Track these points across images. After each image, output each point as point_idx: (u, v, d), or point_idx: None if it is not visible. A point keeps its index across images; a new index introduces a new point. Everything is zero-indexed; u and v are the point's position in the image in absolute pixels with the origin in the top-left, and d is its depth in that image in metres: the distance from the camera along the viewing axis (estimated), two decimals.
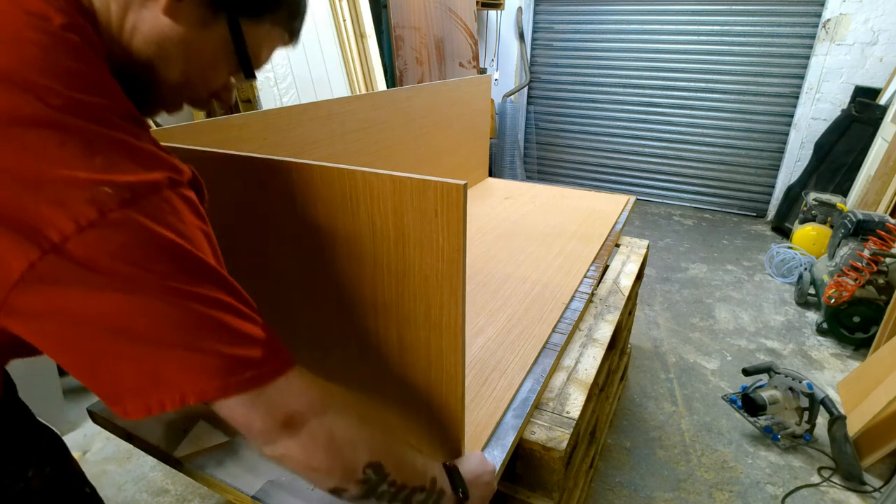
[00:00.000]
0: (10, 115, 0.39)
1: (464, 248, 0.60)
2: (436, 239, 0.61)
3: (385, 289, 0.69)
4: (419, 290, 0.66)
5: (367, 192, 0.63)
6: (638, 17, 4.26)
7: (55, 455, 0.72)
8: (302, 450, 0.51)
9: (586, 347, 1.21)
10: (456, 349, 0.68)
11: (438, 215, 0.59)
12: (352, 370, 0.83)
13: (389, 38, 3.16)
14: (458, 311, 0.65)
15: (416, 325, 0.69)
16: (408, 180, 0.59)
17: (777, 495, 1.68)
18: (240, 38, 0.54)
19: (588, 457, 1.38)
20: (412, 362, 0.73)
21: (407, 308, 0.69)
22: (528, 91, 4.95)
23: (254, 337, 0.48)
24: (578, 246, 1.62)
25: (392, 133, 1.60)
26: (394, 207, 0.62)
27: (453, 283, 0.63)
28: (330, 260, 0.72)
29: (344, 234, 0.68)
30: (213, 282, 0.46)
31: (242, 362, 0.46)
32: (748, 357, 2.39)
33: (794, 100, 3.92)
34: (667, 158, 4.56)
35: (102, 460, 1.77)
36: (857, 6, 3.48)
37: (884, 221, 2.47)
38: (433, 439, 0.80)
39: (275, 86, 2.44)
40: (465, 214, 0.58)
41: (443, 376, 0.72)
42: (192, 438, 0.90)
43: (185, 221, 0.45)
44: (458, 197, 0.57)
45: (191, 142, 0.98)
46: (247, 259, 0.80)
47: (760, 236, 3.91)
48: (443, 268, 0.63)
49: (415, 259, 0.64)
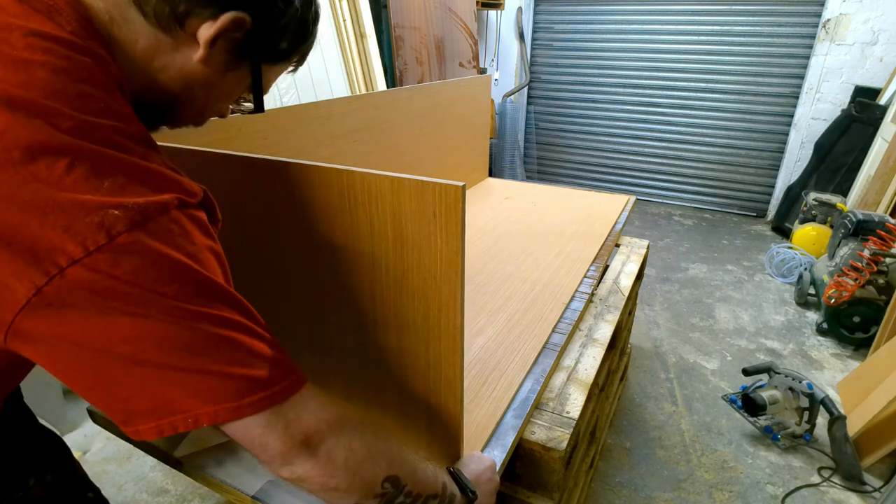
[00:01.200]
0: (16, 142, 0.38)
1: (462, 251, 0.59)
2: (434, 241, 0.60)
3: (383, 290, 0.69)
4: (417, 292, 0.66)
5: (366, 193, 0.62)
6: (638, 17, 4.26)
7: (57, 460, 0.72)
8: (321, 470, 0.50)
9: (586, 347, 1.20)
10: (455, 352, 0.67)
11: (437, 217, 0.58)
12: (350, 372, 0.82)
13: (389, 38, 3.16)
14: (456, 313, 0.64)
15: (415, 327, 0.69)
16: (406, 181, 0.58)
17: (777, 495, 1.68)
18: (258, 79, 0.57)
19: (588, 457, 1.38)
20: (411, 364, 0.73)
21: (405, 309, 0.68)
22: (528, 91, 4.95)
23: (265, 356, 0.48)
24: (578, 246, 1.62)
25: (392, 133, 1.60)
26: (392, 208, 0.61)
27: (452, 286, 0.62)
28: (328, 260, 0.71)
29: (342, 234, 0.67)
30: (223, 301, 0.46)
31: (255, 382, 0.46)
32: (748, 357, 2.39)
33: (794, 100, 3.92)
34: (667, 158, 4.56)
35: (102, 460, 1.77)
36: (857, 6, 3.48)
37: (884, 221, 2.47)
38: (432, 442, 0.79)
39: (275, 86, 2.44)
40: (464, 216, 0.57)
41: (441, 379, 0.71)
42: (192, 438, 0.90)
43: (195, 242, 0.45)
44: (456, 198, 0.56)
45: (191, 142, 0.97)
46: (246, 260, 0.80)
47: (760, 236, 3.91)
48: (441, 270, 0.62)
49: (413, 261, 0.64)
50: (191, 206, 0.46)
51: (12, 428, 0.66)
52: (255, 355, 0.47)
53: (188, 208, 0.46)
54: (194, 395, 0.44)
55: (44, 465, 0.69)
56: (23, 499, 0.64)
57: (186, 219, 0.45)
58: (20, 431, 0.68)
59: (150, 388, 0.43)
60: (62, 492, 0.71)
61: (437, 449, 0.80)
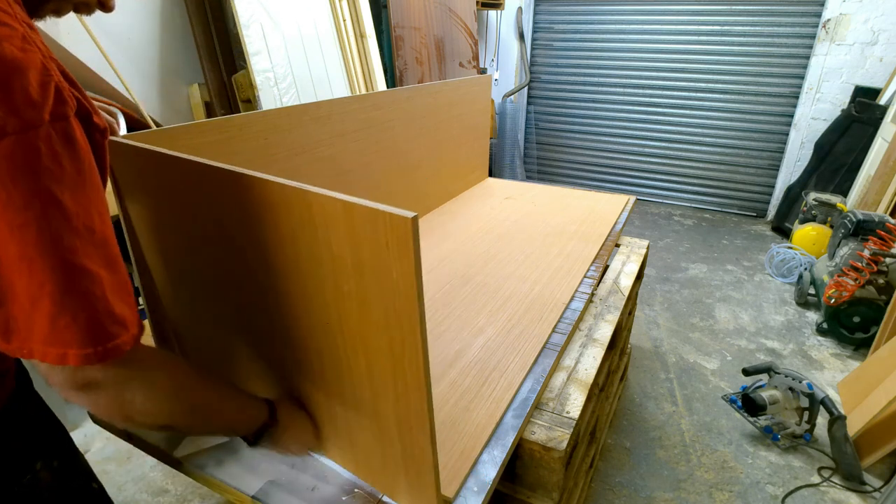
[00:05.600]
0: None
1: (418, 284, 0.54)
2: (389, 272, 0.55)
3: (348, 316, 0.64)
4: (380, 321, 0.61)
5: (322, 216, 0.58)
6: (638, 17, 4.26)
7: (64, 447, 0.73)
8: (96, 409, 0.57)
9: (586, 347, 1.20)
10: (419, 388, 0.62)
11: (389, 247, 0.54)
12: (326, 394, 0.78)
13: (389, 38, 3.16)
14: (417, 350, 0.58)
15: (382, 355, 0.64)
16: (358, 207, 0.54)
17: (777, 495, 1.68)
18: None
19: (588, 457, 1.38)
20: (381, 392, 0.69)
21: (370, 337, 0.64)
22: (528, 91, 4.95)
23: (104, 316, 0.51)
24: (578, 246, 1.62)
25: (392, 133, 1.60)
26: (348, 234, 0.57)
27: (412, 321, 0.57)
28: (295, 280, 0.67)
29: (307, 255, 0.63)
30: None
31: (73, 338, 0.49)
32: (748, 357, 2.39)
33: (794, 100, 3.92)
34: (667, 158, 4.56)
35: (102, 460, 1.77)
36: (857, 6, 3.48)
37: (884, 221, 2.47)
38: (409, 473, 0.74)
39: (275, 86, 2.44)
40: (418, 249, 0.52)
41: (410, 414, 0.66)
42: (192, 438, 0.90)
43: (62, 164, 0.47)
44: (406, 230, 0.51)
45: (192, 141, 0.98)
46: (212, 276, 0.79)
47: (760, 236, 3.91)
48: (400, 303, 0.57)
49: (373, 289, 0.59)
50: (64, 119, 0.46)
51: (22, 410, 0.67)
52: (97, 311, 0.49)
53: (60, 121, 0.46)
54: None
55: (51, 451, 0.69)
56: (31, 482, 0.65)
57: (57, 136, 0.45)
58: (30, 414, 0.69)
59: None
60: (68, 479, 0.71)
61: (413, 485, 0.75)
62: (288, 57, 2.49)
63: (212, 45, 2.65)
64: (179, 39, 2.57)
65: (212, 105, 2.69)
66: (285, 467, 0.85)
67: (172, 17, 2.52)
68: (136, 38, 2.38)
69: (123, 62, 2.20)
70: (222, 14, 2.67)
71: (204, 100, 2.66)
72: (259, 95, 2.36)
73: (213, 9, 2.62)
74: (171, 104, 2.59)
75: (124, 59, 2.24)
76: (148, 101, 2.46)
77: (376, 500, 0.79)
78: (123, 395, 0.56)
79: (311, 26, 2.59)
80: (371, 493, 0.80)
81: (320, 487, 0.81)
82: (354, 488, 0.81)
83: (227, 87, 2.72)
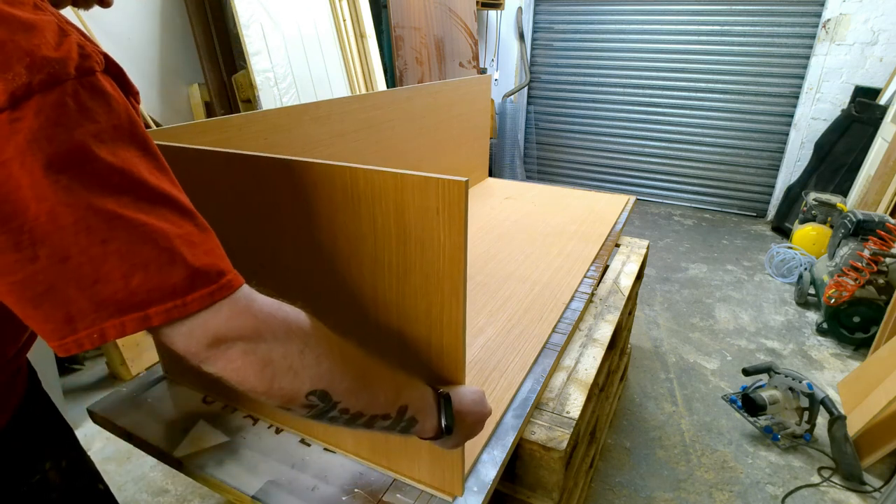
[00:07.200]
0: None
1: (465, 246, 0.60)
2: (437, 237, 0.61)
3: (385, 288, 0.69)
4: (420, 288, 0.66)
5: (369, 190, 0.62)
6: (638, 17, 4.26)
7: (71, 448, 0.73)
8: (233, 374, 0.48)
9: (586, 347, 1.21)
10: (457, 348, 0.68)
11: (440, 213, 0.59)
12: None
13: (389, 38, 3.16)
14: (458, 308, 0.64)
15: (417, 323, 0.69)
16: (409, 177, 0.59)
17: (777, 495, 1.68)
18: None
19: (588, 457, 1.38)
20: (413, 361, 0.73)
21: (407, 306, 0.69)
22: (528, 91, 4.95)
23: (183, 260, 0.45)
24: (578, 246, 1.62)
25: (392, 133, 1.60)
26: (395, 205, 0.62)
27: (454, 281, 0.63)
28: (330, 259, 0.71)
29: (345, 232, 0.68)
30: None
31: (166, 292, 0.44)
32: (748, 357, 2.39)
33: (794, 100, 3.92)
34: (667, 158, 4.56)
35: (102, 460, 1.77)
36: (857, 6, 3.48)
37: (884, 221, 2.47)
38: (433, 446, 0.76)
39: (275, 86, 2.44)
40: (467, 211, 0.58)
41: (443, 376, 0.71)
42: (192, 438, 0.90)
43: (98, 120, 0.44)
44: (459, 194, 0.57)
45: (192, 141, 0.98)
46: (248, 257, 0.80)
47: (760, 236, 3.91)
48: (444, 266, 0.62)
49: (416, 257, 0.64)
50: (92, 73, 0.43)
51: (32, 410, 0.67)
52: (171, 259, 0.44)
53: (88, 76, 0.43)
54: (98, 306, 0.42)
55: (60, 451, 0.69)
56: (39, 482, 0.65)
57: (87, 91, 0.42)
58: (39, 414, 0.69)
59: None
60: (76, 480, 0.71)
61: (438, 458, 0.77)
62: (288, 57, 2.49)
63: (212, 45, 2.65)
64: (179, 39, 2.57)
65: (212, 105, 2.69)
66: (285, 467, 0.85)
67: (172, 17, 2.52)
68: (136, 38, 2.39)
69: (123, 62, 2.20)
70: (222, 14, 2.67)
71: (204, 100, 2.66)
72: (259, 95, 2.37)
73: (213, 9, 2.62)
74: (171, 104, 2.59)
75: (124, 59, 2.24)
76: (148, 101, 2.46)
77: (377, 501, 0.79)
78: (259, 347, 0.49)
79: (311, 26, 2.59)
80: (371, 494, 0.80)
81: (320, 487, 0.81)
82: (355, 488, 0.81)
83: (227, 87, 2.72)
